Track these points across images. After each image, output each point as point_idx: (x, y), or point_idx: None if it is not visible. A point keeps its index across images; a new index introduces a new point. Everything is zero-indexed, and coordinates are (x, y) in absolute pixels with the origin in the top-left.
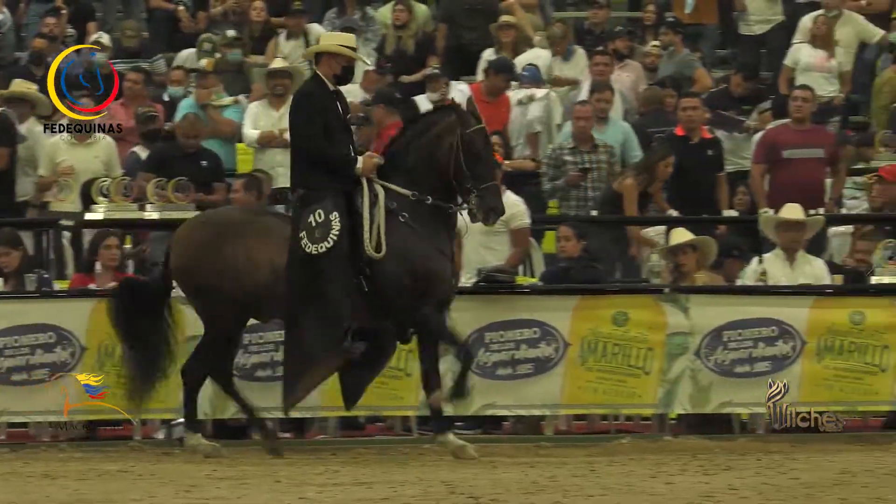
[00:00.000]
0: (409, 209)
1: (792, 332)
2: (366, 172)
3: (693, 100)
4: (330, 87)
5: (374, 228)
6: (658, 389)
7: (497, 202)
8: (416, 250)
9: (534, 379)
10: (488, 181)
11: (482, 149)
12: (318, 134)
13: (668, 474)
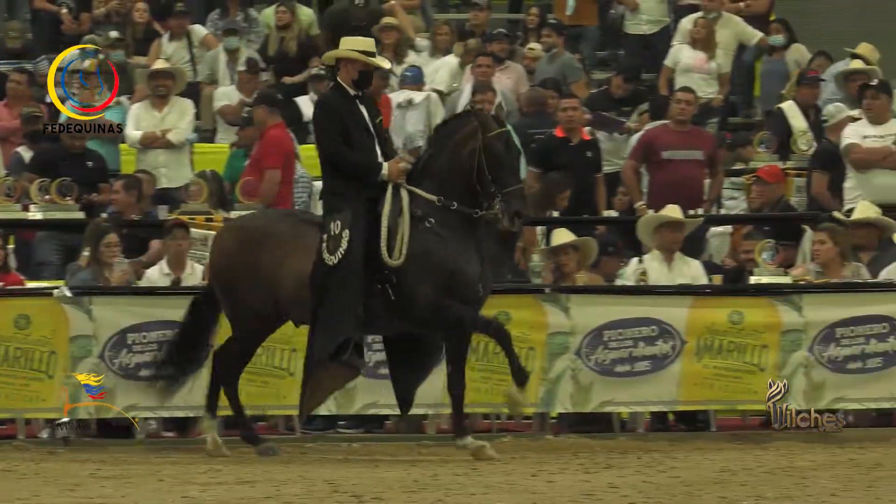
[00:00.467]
0: (436, 215)
1: (672, 332)
2: (393, 177)
3: (572, 100)
4: (351, 92)
5: (396, 235)
6: (539, 388)
7: (521, 205)
8: (440, 255)
9: None
10: (511, 185)
11: (504, 153)
12: (336, 140)
13: (549, 473)
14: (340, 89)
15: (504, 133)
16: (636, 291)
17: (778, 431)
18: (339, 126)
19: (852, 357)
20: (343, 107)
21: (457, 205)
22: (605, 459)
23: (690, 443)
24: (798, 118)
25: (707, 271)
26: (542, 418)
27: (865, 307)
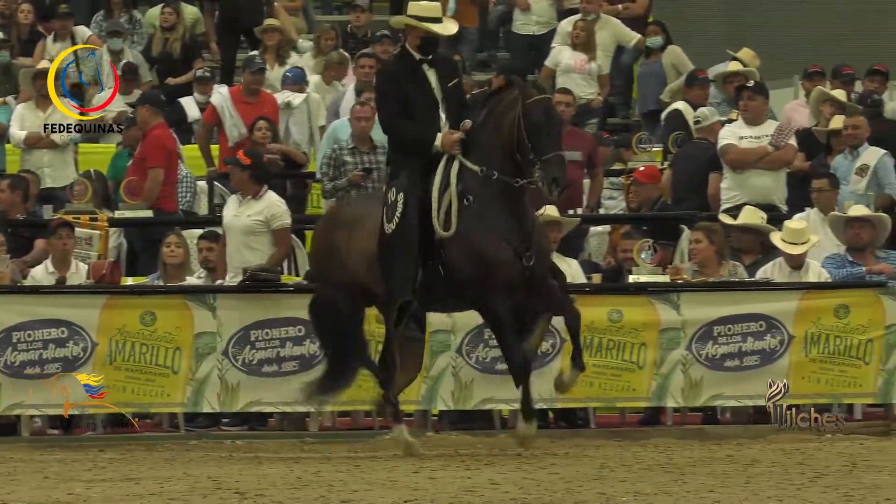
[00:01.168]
0: (478, 187)
1: (552, 330)
2: (447, 148)
3: None
4: (416, 56)
5: (442, 209)
6: (422, 386)
7: (559, 172)
8: (478, 229)
9: (299, 375)
10: (549, 152)
11: (542, 120)
12: (393, 112)
13: (431, 469)
14: (406, 55)
15: (544, 100)
16: None
17: (655, 429)
18: (397, 96)
19: (730, 355)
20: (403, 74)
21: (497, 174)
22: (485, 456)
23: (570, 440)
24: (689, 113)
25: (586, 270)
26: (425, 415)
27: (743, 306)
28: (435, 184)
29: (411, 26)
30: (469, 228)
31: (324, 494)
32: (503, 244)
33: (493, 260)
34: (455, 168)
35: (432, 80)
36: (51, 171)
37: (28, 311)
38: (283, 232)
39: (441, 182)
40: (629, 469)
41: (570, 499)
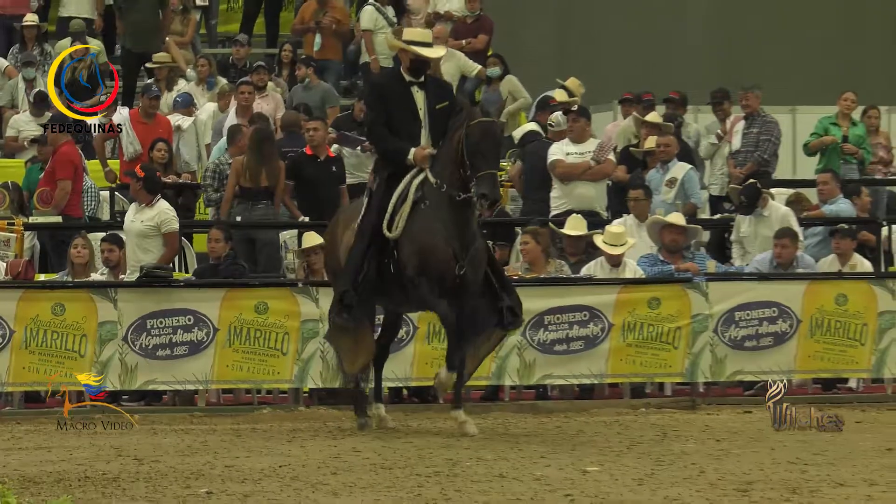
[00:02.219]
0: (432, 196)
1: (407, 320)
2: (418, 162)
3: (316, 122)
4: (406, 78)
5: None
6: (294, 367)
7: (488, 189)
8: (421, 234)
9: (188, 358)
10: (483, 170)
11: (480, 140)
12: (376, 123)
13: (303, 439)
14: (398, 75)
15: (484, 123)
16: None
17: (495, 404)
18: (382, 109)
19: (558, 340)
20: (392, 91)
21: (446, 187)
22: (349, 428)
23: (422, 413)
24: None
25: None
26: (297, 393)
27: (568, 298)
28: (397, 191)
29: (403, 49)
30: (416, 229)
31: (209, 460)
32: (445, 245)
33: (431, 254)
34: (419, 179)
35: (419, 100)
36: None
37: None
38: (172, 235)
39: (403, 190)
40: (472, 439)
41: (422, 464)
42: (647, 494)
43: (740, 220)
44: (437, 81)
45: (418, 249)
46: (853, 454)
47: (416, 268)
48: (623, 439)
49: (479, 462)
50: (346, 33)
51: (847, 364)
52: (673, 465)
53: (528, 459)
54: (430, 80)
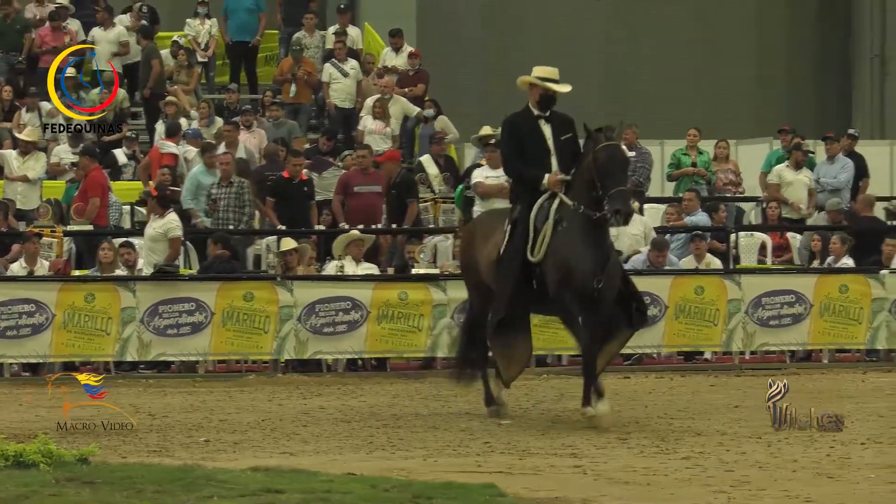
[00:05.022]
0: (570, 218)
1: (360, 305)
2: (551, 186)
3: (299, 158)
4: (535, 112)
5: (539, 237)
6: (273, 343)
7: (621, 204)
8: (563, 255)
9: (191, 336)
10: (613, 188)
11: (608, 162)
12: (512, 154)
13: (280, 399)
14: (527, 111)
15: (608, 146)
16: (337, 279)
17: (430, 371)
18: (517, 141)
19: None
20: (524, 125)
21: (583, 208)
22: (316, 390)
23: (373, 379)
24: (432, 166)
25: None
26: (275, 363)
27: None
28: (532, 215)
29: (533, 84)
30: (557, 250)
31: (207, 415)
32: (584, 263)
33: (572, 273)
34: (556, 203)
35: (547, 132)
36: (22, 198)
37: (7, 293)
38: (176, 240)
39: (540, 214)
40: (412, 398)
41: (373, 418)
42: (549, 442)
43: None
44: (561, 116)
45: (560, 268)
46: (708, 410)
47: (559, 285)
48: (530, 399)
49: (418, 417)
50: (316, 83)
51: (703, 340)
52: (569, 419)
53: (455, 415)
54: (554, 114)
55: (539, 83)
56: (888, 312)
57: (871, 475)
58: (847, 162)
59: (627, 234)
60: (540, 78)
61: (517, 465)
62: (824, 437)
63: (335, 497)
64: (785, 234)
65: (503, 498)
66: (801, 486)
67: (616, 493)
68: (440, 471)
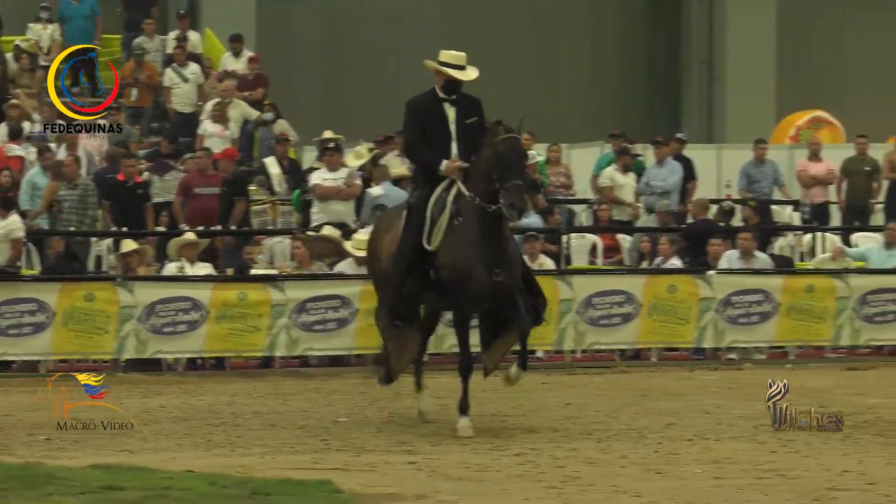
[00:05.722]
0: (466, 210)
1: (200, 304)
2: (449, 173)
3: (133, 160)
4: (440, 95)
5: (435, 227)
6: (114, 342)
7: (515, 199)
8: (458, 245)
9: (35, 335)
10: (509, 181)
11: (505, 154)
12: (412, 137)
13: (121, 398)
14: (432, 92)
15: (507, 139)
16: (177, 279)
17: (268, 370)
18: (418, 124)
19: (317, 321)
20: (426, 108)
21: (478, 201)
22: (157, 389)
23: (213, 378)
24: (275, 167)
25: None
26: (116, 362)
27: (325, 289)
28: (430, 204)
29: (438, 70)
30: (453, 242)
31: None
32: (476, 260)
33: (466, 272)
34: (453, 193)
35: (451, 115)
36: None
37: None
38: (17, 241)
39: (437, 203)
40: (251, 397)
41: (212, 416)
42: (385, 439)
43: None
44: (469, 99)
45: (455, 263)
46: (541, 408)
47: (454, 279)
48: (367, 397)
49: (256, 415)
50: (157, 86)
51: (536, 339)
52: (405, 417)
53: (293, 413)
54: (461, 98)
55: (442, 69)
56: (715, 312)
57: (697, 470)
58: (676, 165)
59: None
60: (444, 63)
61: (353, 462)
62: (653, 433)
63: (174, 494)
64: (615, 236)
65: (339, 494)
66: (629, 481)
67: (450, 489)
68: (278, 468)
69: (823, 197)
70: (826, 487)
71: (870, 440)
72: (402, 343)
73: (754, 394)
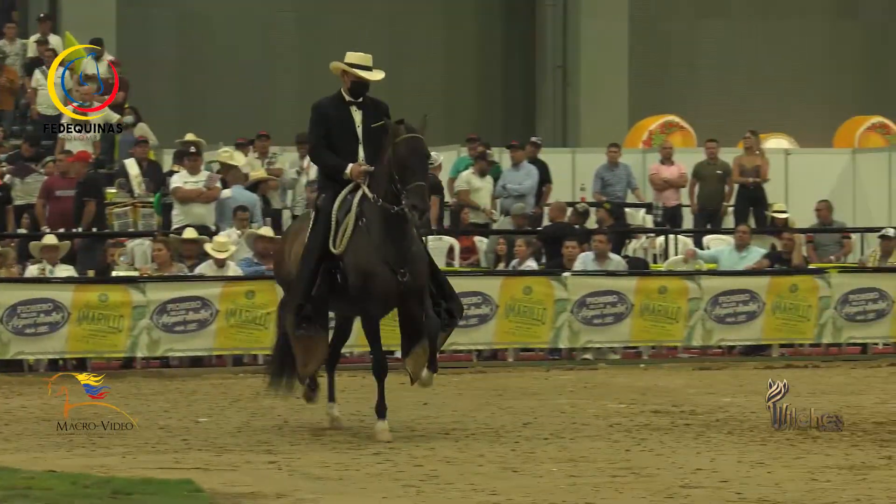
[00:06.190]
0: (371, 212)
1: (60, 307)
2: (354, 177)
3: None
4: (346, 98)
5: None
6: None
7: (418, 200)
8: (362, 248)
9: None
10: (411, 182)
11: (407, 155)
12: (317, 142)
13: None
14: (338, 95)
15: (408, 139)
16: (39, 281)
17: (129, 371)
18: (322, 127)
19: (178, 322)
20: (332, 111)
21: (381, 202)
22: (18, 390)
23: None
24: (135, 168)
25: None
26: None
27: (186, 291)
28: (335, 207)
29: (344, 71)
30: (357, 246)
31: None
32: (381, 261)
33: (371, 274)
34: (358, 196)
35: (357, 119)
36: None
37: None
38: None
39: (342, 206)
40: (112, 398)
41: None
42: (245, 439)
43: None
44: (375, 102)
45: (360, 265)
46: (399, 408)
47: (359, 282)
48: (227, 397)
49: (118, 416)
50: (18, 90)
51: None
52: (264, 417)
53: (154, 413)
54: (367, 101)
55: (349, 70)
56: (570, 313)
57: (553, 469)
58: (531, 168)
59: None
60: (350, 64)
61: (214, 462)
62: (510, 433)
63: (35, 493)
64: (472, 238)
65: (200, 493)
66: (487, 479)
67: (310, 488)
68: (139, 468)
69: (676, 200)
70: (679, 485)
71: (722, 438)
72: (309, 347)
73: (609, 393)
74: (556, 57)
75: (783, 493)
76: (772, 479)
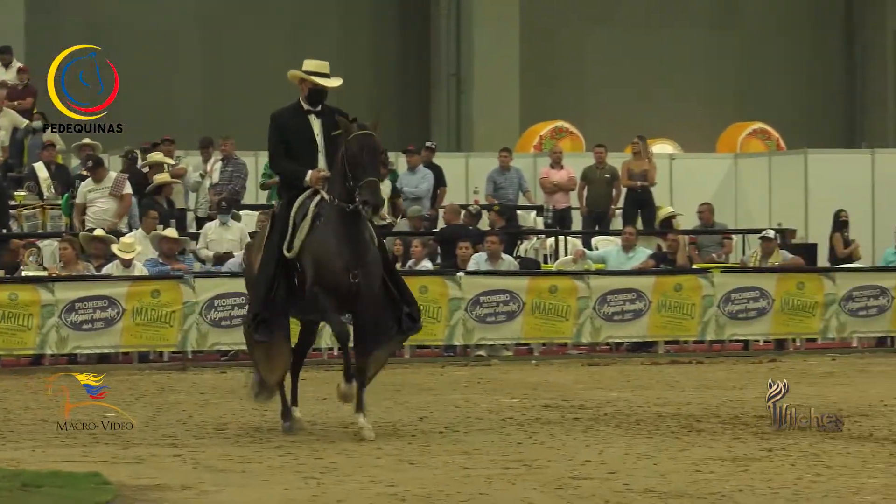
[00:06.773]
0: (327, 212)
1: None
2: (313, 183)
3: None
4: (304, 106)
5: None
6: None
7: (370, 196)
8: (315, 246)
9: None
10: (363, 178)
11: (359, 151)
12: (276, 150)
13: None
14: (296, 104)
15: (360, 135)
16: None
17: (35, 367)
18: (281, 136)
19: (86, 321)
20: (290, 120)
21: (337, 201)
22: None
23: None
24: (44, 170)
25: None
26: None
27: (93, 290)
28: (292, 212)
29: (302, 79)
30: (311, 244)
31: None
32: (338, 258)
33: (324, 267)
34: (317, 199)
35: (316, 127)
36: None
37: None
38: None
39: (299, 210)
40: (22, 393)
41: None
42: (151, 433)
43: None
44: (333, 110)
45: (313, 263)
46: (300, 403)
47: (312, 280)
48: (133, 393)
49: (27, 410)
50: None
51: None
52: (170, 412)
53: (62, 409)
54: (325, 109)
55: (307, 77)
56: (464, 311)
57: (448, 461)
58: (427, 172)
59: (225, 239)
60: (308, 72)
61: (121, 455)
62: (406, 426)
63: None
64: None
65: (107, 485)
66: (384, 472)
67: (213, 480)
68: (48, 461)
69: (565, 203)
70: (569, 476)
71: (610, 431)
72: (271, 354)
73: (501, 388)
74: (450, 65)
75: (668, 483)
76: (657, 470)
